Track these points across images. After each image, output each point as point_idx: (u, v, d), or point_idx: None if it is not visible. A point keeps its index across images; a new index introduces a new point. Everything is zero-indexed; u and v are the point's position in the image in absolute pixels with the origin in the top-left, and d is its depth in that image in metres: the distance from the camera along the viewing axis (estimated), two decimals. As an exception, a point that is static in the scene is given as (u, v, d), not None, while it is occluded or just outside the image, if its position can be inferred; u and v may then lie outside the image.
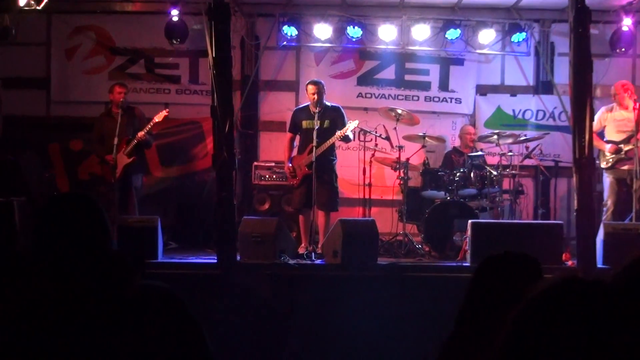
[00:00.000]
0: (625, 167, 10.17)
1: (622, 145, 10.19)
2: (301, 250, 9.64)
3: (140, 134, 10.11)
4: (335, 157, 10.16)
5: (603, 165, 10.32)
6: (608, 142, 10.33)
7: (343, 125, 9.84)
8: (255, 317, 8.20)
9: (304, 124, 10.02)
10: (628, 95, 10.23)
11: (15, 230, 8.98)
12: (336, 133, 9.73)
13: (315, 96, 9.82)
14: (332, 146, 9.92)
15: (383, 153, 10.88)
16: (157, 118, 10.24)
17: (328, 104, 10.09)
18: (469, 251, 8.84)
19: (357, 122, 9.89)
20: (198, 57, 12.36)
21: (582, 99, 8.50)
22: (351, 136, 9.98)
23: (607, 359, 1.50)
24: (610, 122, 10.40)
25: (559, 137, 12.06)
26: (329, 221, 9.86)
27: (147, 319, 2.58)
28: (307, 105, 10.06)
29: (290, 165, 10.07)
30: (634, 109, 10.04)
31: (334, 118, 9.95)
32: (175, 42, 11.86)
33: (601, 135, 10.41)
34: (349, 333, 7.95)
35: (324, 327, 8.09)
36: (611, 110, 10.47)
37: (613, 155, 10.22)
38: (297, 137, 10.30)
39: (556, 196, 11.59)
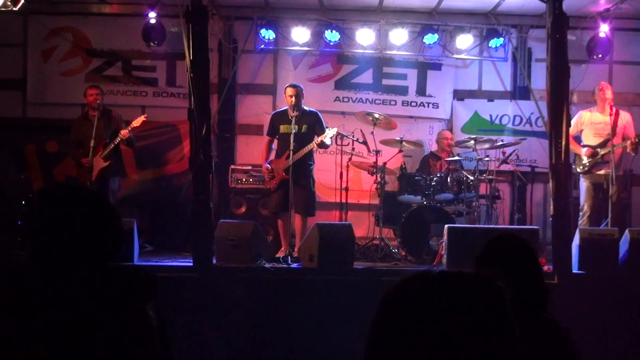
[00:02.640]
0: (602, 172, 10.19)
1: (598, 149, 10.22)
2: (280, 254, 9.61)
3: (124, 132, 10.04)
4: (313, 162, 10.11)
5: (580, 169, 10.34)
6: (584, 146, 10.37)
7: (321, 130, 9.82)
8: (231, 321, 8.16)
9: (282, 128, 9.98)
10: (609, 94, 10.27)
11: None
12: (314, 140, 9.72)
13: (293, 99, 9.78)
14: (310, 151, 9.88)
15: (360, 157, 10.87)
16: (135, 123, 10.12)
17: (306, 108, 10.04)
18: (445, 256, 8.83)
19: (335, 129, 9.86)
20: (175, 59, 12.31)
21: (559, 105, 8.56)
22: (329, 142, 9.93)
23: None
24: (588, 125, 10.42)
25: (536, 143, 12.12)
26: (306, 225, 9.82)
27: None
28: (286, 110, 10.03)
29: (269, 166, 10.04)
30: (610, 114, 10.09)
31: (312, 123, 9.93)
32: (152, 44, 11.80)
33: (578, 139, 10.45)
34: (325, 337, 7.94)
35: (299, 330, 8.07)
36: (590, 111, 10.49)
37: (590, 160, 10.26)
38: (275, 141, 10.27)
39: (532, 201, 11.66)
